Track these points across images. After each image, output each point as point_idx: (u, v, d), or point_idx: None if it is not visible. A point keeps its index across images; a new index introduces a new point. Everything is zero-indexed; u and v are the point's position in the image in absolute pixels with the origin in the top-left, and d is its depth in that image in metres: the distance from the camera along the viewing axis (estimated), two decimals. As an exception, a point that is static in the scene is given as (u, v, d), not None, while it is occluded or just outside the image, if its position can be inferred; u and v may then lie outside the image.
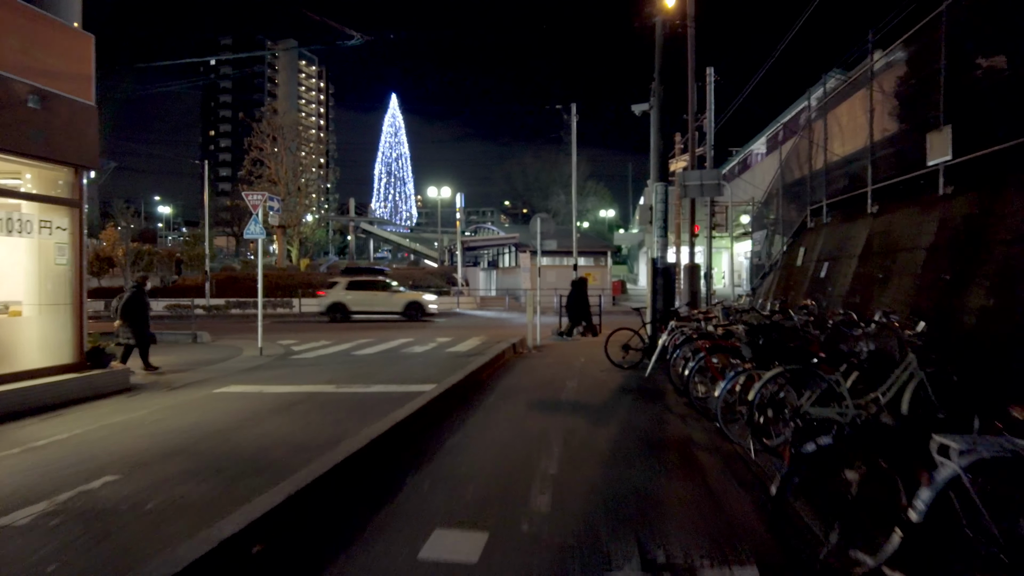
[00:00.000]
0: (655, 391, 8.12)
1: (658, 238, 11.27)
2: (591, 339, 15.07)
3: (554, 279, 30.09)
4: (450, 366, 10.07)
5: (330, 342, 15.07)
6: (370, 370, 10.00)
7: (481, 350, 12.67)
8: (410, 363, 10.87)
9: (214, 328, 20.08)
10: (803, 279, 11.55)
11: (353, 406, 7.12)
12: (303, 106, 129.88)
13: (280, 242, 39.52)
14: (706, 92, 17.90)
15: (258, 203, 12.30)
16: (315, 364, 11.00)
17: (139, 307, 10.00)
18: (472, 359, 10.63)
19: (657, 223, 11.30)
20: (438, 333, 17.55)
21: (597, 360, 10.79)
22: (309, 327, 20.61)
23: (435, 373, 9.35)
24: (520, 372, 9.51)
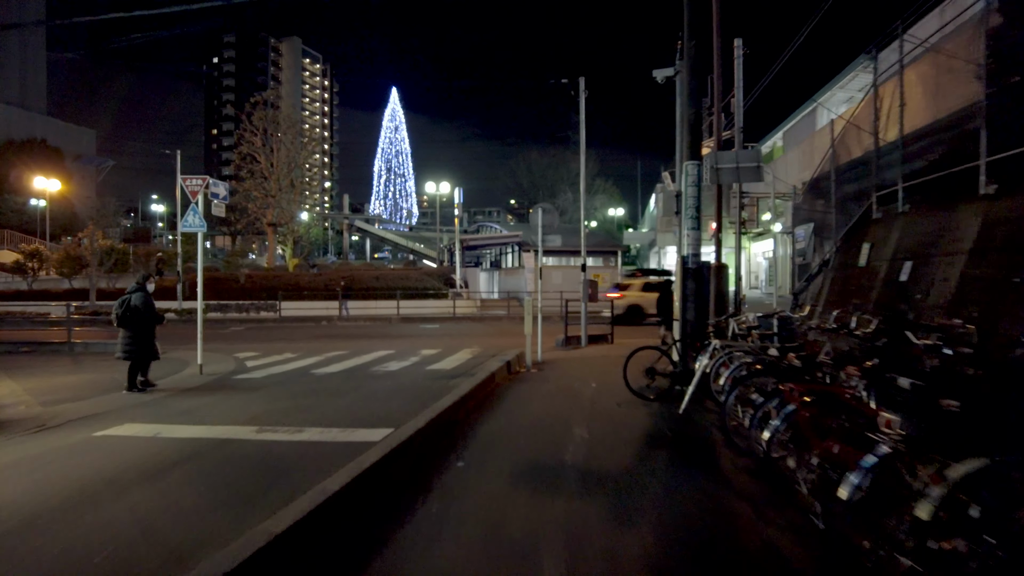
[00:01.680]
0: (698, 443, 5.81)
1: (689, 230, 8.95)
2: (604, 350, 12.78)
3: (560, 281, 27.79)
4: (422, 394, 7.80)
5: (296, 355, 12.86)
6: (318, 400, 7.75)
7: (469, 367, 10.40)
8: (374, 388, 8.61)
9: (177, 336, 17.93)
10: (870, 282, 9.21)
11: (261, 470, 4.87)
12: (307, 104, 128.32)
13: (271, 241, 37.40)
14: (733, 68, 15.58)
15: (197, 189, 10.09)
16: (256, 388, 8.77)
17: (142, 311, 8.35)
18: (454, 382, 8.38)
19: (688, 212, 8.99)
20: (425, 343, 15.29)
21: (613, 385, 8.50)
22: (285, 333, 18.41)
23: (398, 406, 7.09)
24: (511, 407, 7.21)
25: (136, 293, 8.46)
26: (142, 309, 8.38)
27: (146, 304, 8.45)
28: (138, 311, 8.35)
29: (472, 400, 7.14)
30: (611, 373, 9.62)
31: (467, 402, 6.86)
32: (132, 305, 8.35)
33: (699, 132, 9.59)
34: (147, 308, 8.46)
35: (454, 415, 6.31)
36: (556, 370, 10.20)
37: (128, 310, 8.33)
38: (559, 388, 8.41)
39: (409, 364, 11.20)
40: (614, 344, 14.47)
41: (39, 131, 68.55)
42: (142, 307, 8.38)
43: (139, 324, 8.37)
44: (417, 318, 23.36)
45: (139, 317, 8.36)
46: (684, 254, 8.98)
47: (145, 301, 8.45)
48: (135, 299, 8.39)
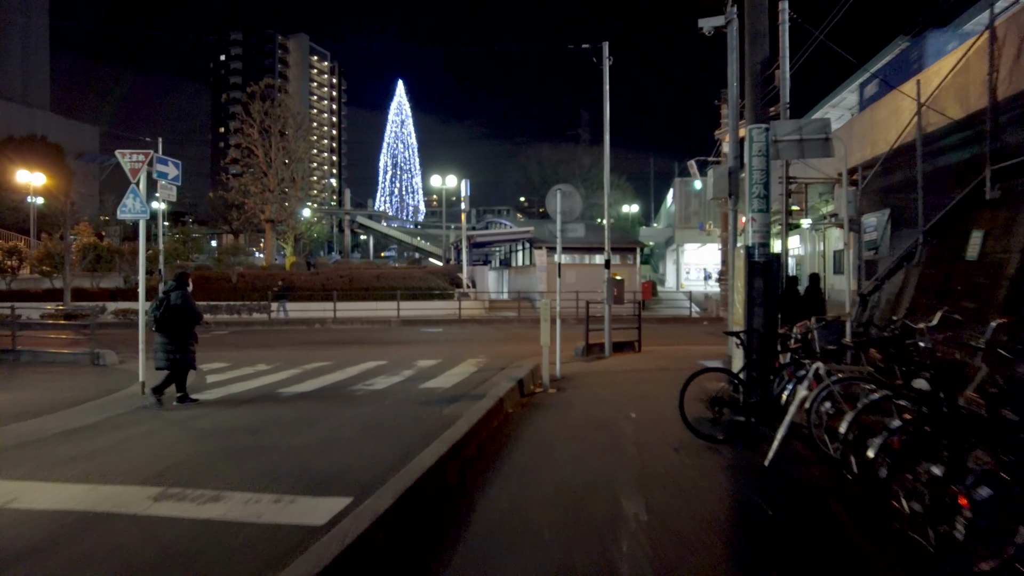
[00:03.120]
0: (821, 525, 3.78)
1: (755, 213, 6.92)
2: (633, 361, 10.76)
3: (574, 280, 25.73)
4: (405, 432, 5.83)
5: (271, 367, 10.95)
6: (267, 438, 5.79)
7: (472, 386, 8.43)
8: (347, 419, 6.65)
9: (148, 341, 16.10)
10: (990, 280, 7.14)
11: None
12: (315, 102, 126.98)
13: (268, 238, 35.61)
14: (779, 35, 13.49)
15: (137, 166, 8.18)
16: (198, 417, 6.83)
17: (184, 311, 7.40)
18: (450, 411, 6.41)
19: (753, 190, 6.96)
20: (425, 352, 13.32)
21: (659, 415, 6.51)
22: (272, 339, 16.51)
23: (370, 452, 5.14)
24: (526, 457, 5.18)
25: (175, 292, 7.43)
26: (184, 309, 7.38)
27: (187, 304, 7.44)
28: (179, 311, 7.35)
29: (470, 446, 5.14)
30: (651, 395, 7.61)
31: (463, 450, 4.86)
32: (172, 305, 7.32)
33: (767, 88, 7.55)
34: (189, 308, 7.46)
35: (443, 476, 4.32)
36: (580, 390, 8.19)
37: (168, 311, 7.31)
38: (589, 421, 6.39)
39: (399, 381, 9.23)
40: (642, 353, 12.46)
41: (40, 128, 67.32)
42: (184, 307, 7.37)
43: (180, 327, 7.41)
44: (419, 320, 21.43)
45: (180, 319, 7.38)
46: (749, 244, 6.96)
47: (186, 300, 7.44)
48: (175, 298, 7.37)
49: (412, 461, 4.39)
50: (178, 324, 7.41)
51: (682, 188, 40.73)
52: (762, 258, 6.93)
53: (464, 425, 5.31)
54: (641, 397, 7.58)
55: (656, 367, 10.33)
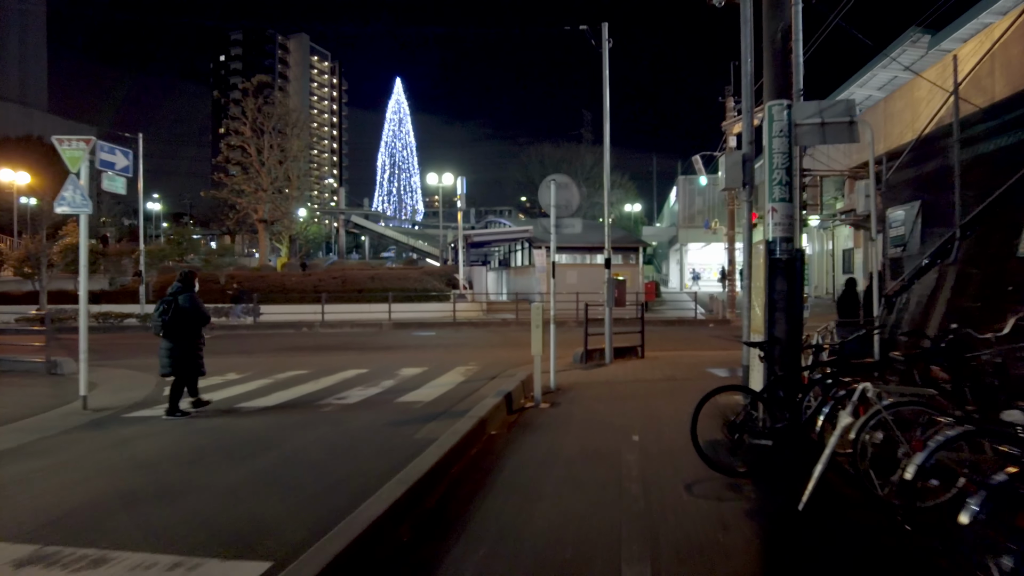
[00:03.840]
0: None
1: (776, 202, 5.98)
2: (637, 369, 9.82)
3: (575, 280, 24.80)
4: (367, 462, 4.89)
5: (242, 376, 10.05)
6: (202, 470, 4.88)
7: (455, 400, 7.50)
8: (304, 443, 5.72)
9: (119, 347, 15.22)
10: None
11: None
12: (315, 102, 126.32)
13: (262, 238, 34.74)
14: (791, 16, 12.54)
15: (79, 154, 7.28)
16: (132, 439, 5.92)
17: (191, 314, 6.92)
18: (425, 432, 5.48)
19: (774, 176, 6.02)
20: (412, 359, 12.40)
21: (667, 439, 5.58)
22: (254, 343, 15.62)
23: (317, 493, 4.20)
24: (506, 501, 4.22)
25: (183, 294, 6.93)
26: (191, 312, 6.91)
27: (195, 306, 6.96)
28: (186, 315, 6.88)
29: (438, 485, 4.21)
30: (657, 412, 6.68)
31: (427, 494, 3.93)
32: (181, 307, 6.86)
33: (789, 59, 6.60)
34: (196, 311, 6.98)
35: (394, 532, 3.38)
36: (577, 405, 7.26)
37: (176, 314, 6.84)
38: (584, 448, 5.44)
39: (377, 393, 8.31)
40: (646, 359, 11.53)
41: (37, 128, 66.60)
42: (191, 310, 6.90)
43: (189, 331, 6.95)
44: (412, 323, 20.51)
45: (189, 322, 6.92)
46: (770, 238, 6.02)
47: (194, 302, 6.96)
48: (183, 300, 6.89)
49: (358, 510, 3.47)
50: (186, 328, 6.92)
51: (686, 186, 39.76)
52: (785, 255, 5.99)
53: (431, 457, 4.38)
54: (646, 415, 6.65)
55: (662, 376, 9.39)
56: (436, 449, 4.57)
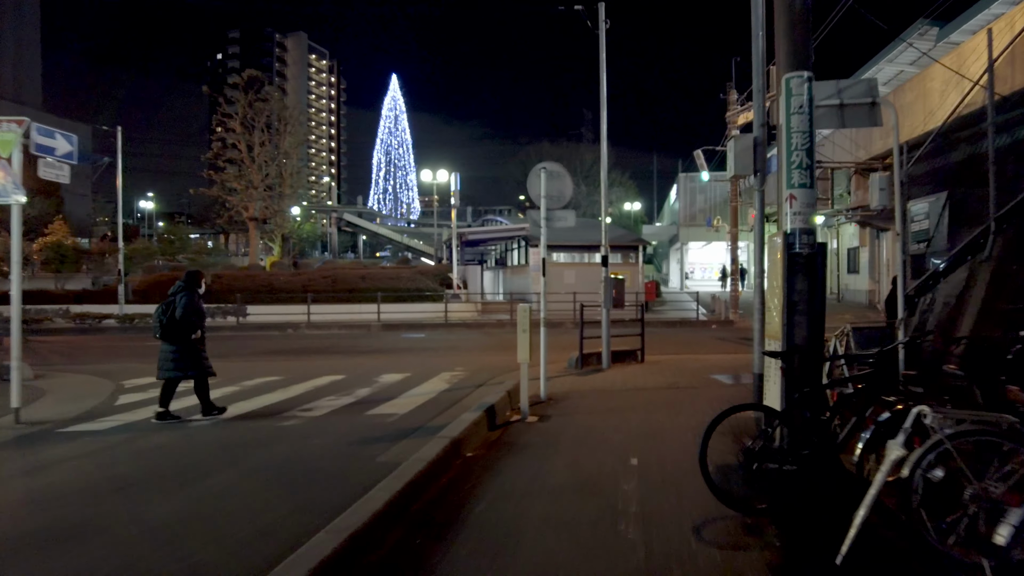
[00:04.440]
0: None
1: (794, 189, 5.20)
2: (636, 375, 9.02)
3: (572, 280, 24.00)
4: (308, 503, 4.11)
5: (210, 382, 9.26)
6: (122, 507, 4.10)
7: (431, 414, 6.72)
8: (246, 469, 4.94)
9: (91, 350, 14.43)
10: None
11: None
12: (313, 101, 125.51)
13: (252, 237, 33.93)
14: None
15: (11, 137, 6.52)
16: (51, 465, 5.14)
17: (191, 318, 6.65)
18: (392, 454, 4.71)
19: (792, 159, 5.24)
20: (395, 363, 11.62)
21: (672, 464, 4.80)
22: (232, 346, 14.82)
23: (243, 540, 3.42)
24: (471, 552, 3.43)
25: (182, 294, 6.65)
26: (191, 316, 6.63)
27: (195, 309, 6.69)
28: (186, 318, 6.59)
29: (390, 531, 3.42)
30: (659, 428, 5.90)
31: (373, 546, 3.15)
32: (179, 309, 6.57)
33: (808, 25, 5.81)
34: (196, 314, 6.71)
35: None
36: (569, 419, 6.47)
37: (173, 317, 6.57)
38: (575, 475, 4.63)
39: (349, 403, 7.53)
40: (646, 364, 10.75)
41: (30, 127, 65.75)
42: (191, 313, 6.62)
43: (179, 332, 6.62)
44: (402, 325, 19.72)
45: (187, 326, 6.62)
46: (788, 230, 5.25)
47: (193, 305, 6.68)
48: (181, 302, 6.60)
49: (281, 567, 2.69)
50: (178, 330, 6.62)
51: (687, 184, 38.99)
52: (805, 248, 5.22)
53: (383, 495, 3.60)
54: (646, 431, 5.87)
55: (664, 384, 8.61)
56: (392, 483, 3.79)
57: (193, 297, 6.67)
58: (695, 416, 6.48)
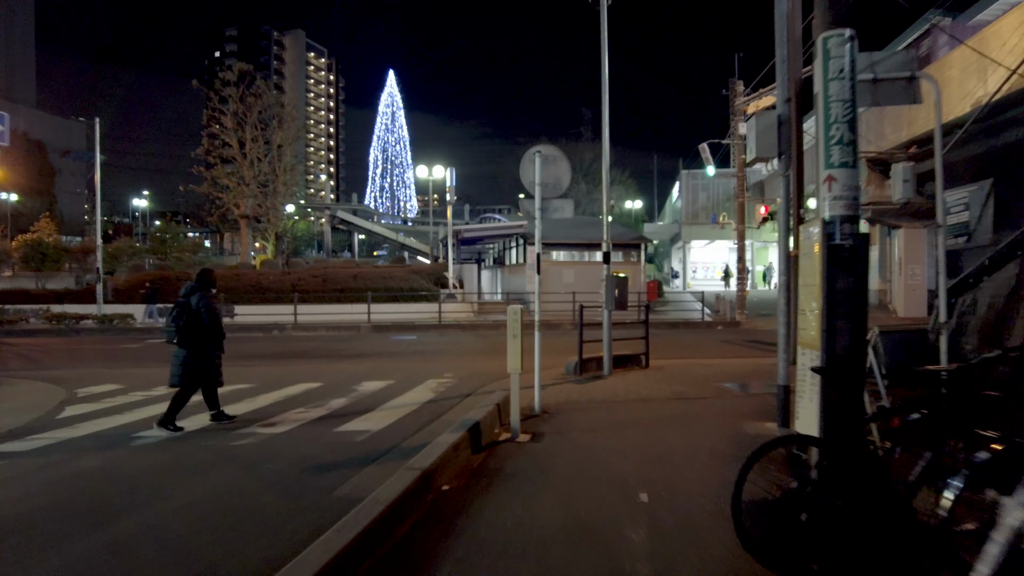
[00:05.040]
0: None
1: (835, 169, 4.36)
2: (641, 383, 8.16)
3: (572, 280, 23.17)
4: (235, 557, 3.26)
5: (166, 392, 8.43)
6: (9, 556, 3.26)
7: (408, 431, 5.88)
8: (176, 504, 4.08)
9: (63, 353, 13.58)
10: None
11: None
12: (311, 99, 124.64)
13: (243, 235, 33.07)
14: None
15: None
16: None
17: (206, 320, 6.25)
18: (352, 486, 3.87)
19: (833, 132, 4.40)
20: (379, 369, 10.78)
21: (685, 497, 3.95)
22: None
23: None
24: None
25: (196, 295, 6.24)
26: (206, 318, 6.21)
27: (210, 310, 6.28)
28: (200, 321, 6.19)
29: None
30: (670, 451, 5.04)
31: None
32: (195, 312, 6.18)
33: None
34: (211, 316, 6.28)
35: None
36: (565, 439, 5.62)
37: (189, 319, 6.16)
38: (571, 516, 3.77)
39: (318, 417, 6.69)
40: (650, 369, 9.91)
41: (23, 124, 65.18)
42: (206, 314, 6.21)
43: (204, 338, 6.23)
44: (393, 326, 18.86)
45: (202, 329, 6.21)
46: (827, 217, 4.43)
47: (209, 307, 6.28)
48: (196, 302, 6.20)
49: None
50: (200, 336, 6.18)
51: (689, 181, 38.14)
52: (848, 240, 4.39)
53: (324, 552, 2.75)
54: (654, 455, 5.01)
55: (670, 394, 7.76)
56: (338, 535, 2.94)
57: (209, 297, 6.26)
58: (709, 435, 5.64)
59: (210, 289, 6.41)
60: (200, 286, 6.33)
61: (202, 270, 6.62)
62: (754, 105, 14.72)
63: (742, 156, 19.66)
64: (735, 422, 6.20)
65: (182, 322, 6.13)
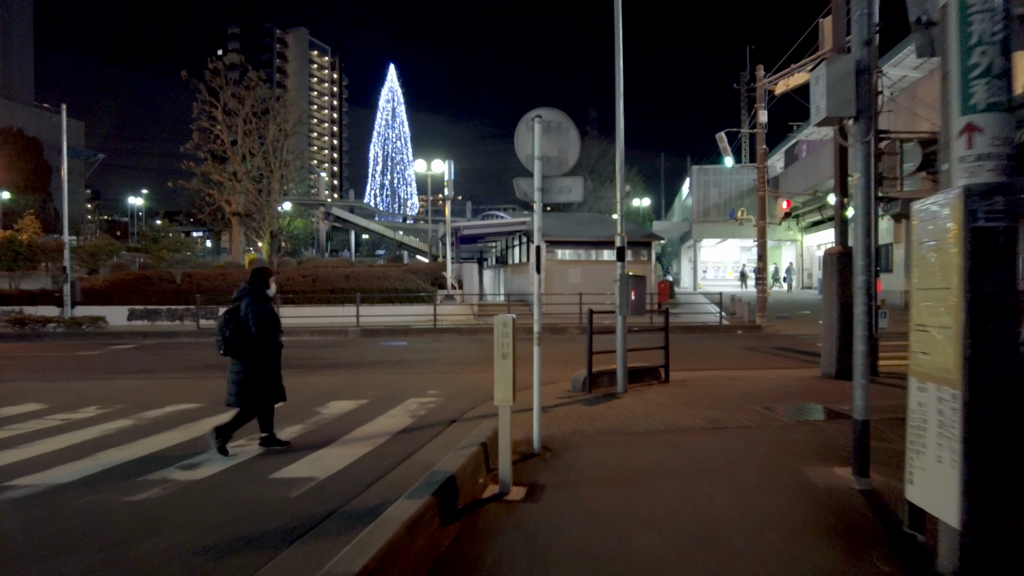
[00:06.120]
0: None
1: (973, 115, 2.90)
2: (662, 404, 6.69)
3: (578, 280, 21.71)
4: None
5: (103, 411, 7.11)
6: None
7: (367, 479, 4.44)
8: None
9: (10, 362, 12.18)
10: None
11: None
12: (315, 98, 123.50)
13: (235, 233, 31.72)
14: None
15: None
16: None
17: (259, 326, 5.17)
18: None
19: (977, 57, 2.95)
20: (357, 383, 9.35)
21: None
22: (175, 356, 12.58)
23: None
24: None
25: (246, 299, 5.29)
26: (253, 327, 5.21)
27: (259, 318, 5.23)
28: (263, 332, 5.24)
29: None
30: (719, 518, 3.55)
31: None
32: (244, 318, 5.23)
33: None
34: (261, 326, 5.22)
35: None
36: (573, 498, 4.15)
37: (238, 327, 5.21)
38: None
39: (254, 456, 5.25)
40: (671, 385, 8.46)
41: (19, 121, 64.11)
42: (254, 323, 5.21)
43: (257, 348, 5.26)
44: (385, 330, 17.43)
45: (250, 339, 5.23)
46: (968, 183, 2.95)
47: (258, 313, 5.24)
48: (245, 308, 5.25)
49: None
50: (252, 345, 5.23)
51: (700, 177, 36.61)
52: (998, 220, 2.92)
53: None
54: (700, 530, 3.53)
55: (702, 421, 6.29)
56: None
57: (258, 300, 5.28)
58: (766, 489, 4.18)
59: (263, 291, 5.40)
60: (253, 288, 5.34)
61: (256, 268, 5.58)
62: (783, 84, 13.22)
63: (763, 147, 18.16)
64: (794, 465, 4.74)
65: (228, 332, 5.17)
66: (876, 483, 4.29)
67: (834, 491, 4.17)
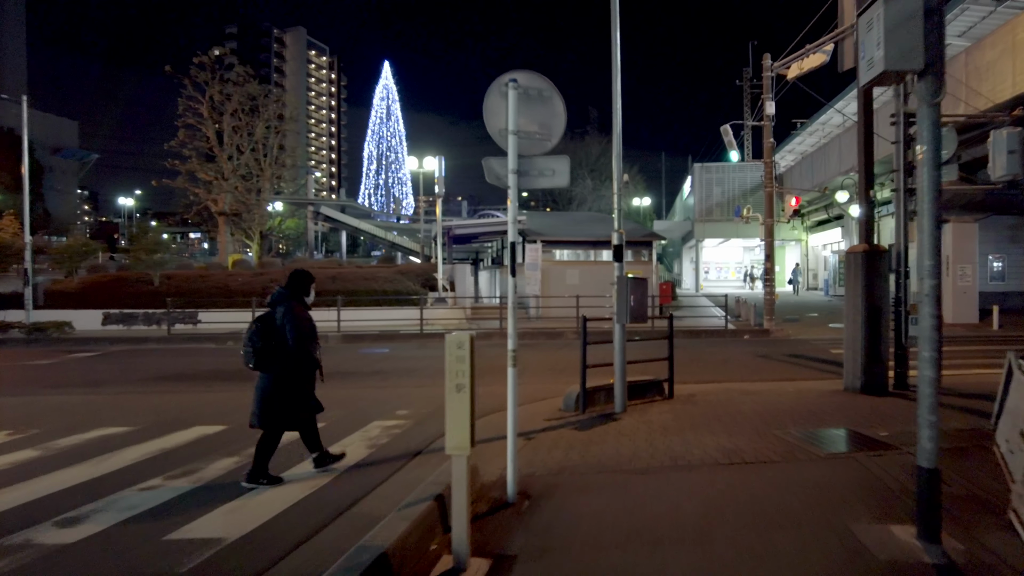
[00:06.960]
0: None
1: None
2: (668, 427, 5.63)
3: (576, 281, 20.63)
4: None
5: (14, 438, 6.03)
6: None
7: (286, 545, 3.37)
8: None
9: None
10: None
11: None
12: (313, 98, 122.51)
13: (221, 233, 30.66)
14: None
15: None
16: None
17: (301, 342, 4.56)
18: None
19: None
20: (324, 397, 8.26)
21: None
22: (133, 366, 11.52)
23: None
24: None
25: (282, 306, 4.57)
26: (290, 337, 4.47)
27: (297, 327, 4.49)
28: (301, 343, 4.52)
29: None
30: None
31: None
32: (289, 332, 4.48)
33: None
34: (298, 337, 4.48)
35: None
36: (551, 570, 3.10)
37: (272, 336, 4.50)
38: None
39: (158, 505, 4.21)
40: (676, 400, 7.41)
41: (12, 120, 63.08)
42: (291, 332, 4.47)
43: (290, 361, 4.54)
44: (368, 336, 16.36)
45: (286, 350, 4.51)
46: None
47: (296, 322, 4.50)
48: (281, 316, 4.52)
49: None
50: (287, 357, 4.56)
51: (702, 175, 35.57)
52: None
53: None
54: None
55: (718, 451, 5.22)
56: None
57: (295, 307, 4.60)
58: (813, 566, 3.12)
59: (303, 297, 4.78)
60: (291, 293, 4.71)
61: (295, 271, 4.89)
62: (796, 67, 12.16)
63: (770, 140, 17.10)
64: (838, 522, 3.69)
65: (260, 342, 4.50)
66: (952, 552, 3.25)
67: (898, 566, 3.13)
